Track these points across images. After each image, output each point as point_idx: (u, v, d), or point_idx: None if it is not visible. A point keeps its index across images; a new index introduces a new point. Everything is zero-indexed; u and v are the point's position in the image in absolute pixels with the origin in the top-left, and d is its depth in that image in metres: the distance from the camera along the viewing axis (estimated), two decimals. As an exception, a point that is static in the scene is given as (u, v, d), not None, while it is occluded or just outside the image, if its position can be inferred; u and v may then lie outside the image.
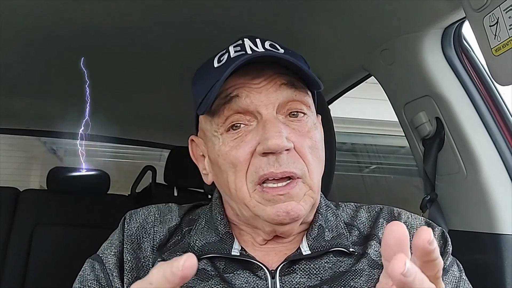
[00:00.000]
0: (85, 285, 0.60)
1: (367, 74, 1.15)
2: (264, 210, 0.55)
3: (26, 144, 4.63)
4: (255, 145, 0.55)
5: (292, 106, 0.58)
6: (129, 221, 0.65)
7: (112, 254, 0.62)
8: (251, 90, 0.56)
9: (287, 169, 0.54)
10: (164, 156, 2.51)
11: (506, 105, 0.89)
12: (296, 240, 0.61)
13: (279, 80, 0.57)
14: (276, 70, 0.57)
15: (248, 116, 0.57)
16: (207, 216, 0.65)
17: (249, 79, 0.57)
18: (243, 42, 0.60)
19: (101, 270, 0.61)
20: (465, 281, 0.60)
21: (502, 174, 0.84)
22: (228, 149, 0.57)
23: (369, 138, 3.83)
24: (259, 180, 0.55)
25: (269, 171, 0.54)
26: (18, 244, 1.79)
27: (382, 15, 0.89)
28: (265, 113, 0.56)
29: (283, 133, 0.54)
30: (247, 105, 0.56)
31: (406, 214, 0.64)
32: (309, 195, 0.56)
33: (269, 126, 0.54)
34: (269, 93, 0.56)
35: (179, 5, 0.96)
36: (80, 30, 1.07)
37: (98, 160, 4.71)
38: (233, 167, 0.56)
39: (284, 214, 0.54)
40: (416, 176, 1.13)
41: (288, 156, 0.55)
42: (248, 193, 0.56)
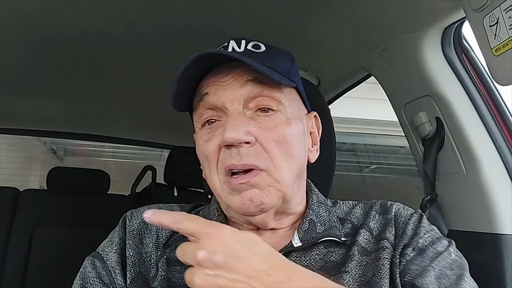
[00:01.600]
0: (87, 282, 0.61)
1: (367, 74, 1.15)
2: (232, 200, 0.58)
3: (26, 144, 4.63)
4: (221, 139, 0.57)
5: (261, 102, 0.59)
6: (131, 218, 0.66)
7: (113, 251, 0.63)
8: (218, 87, 0.59)
9: (247, 161, 0.56)
10: (164, 156, 2.52)
11: (506, 105, 0.89)
12: (288, 234, 0.63)
13: (245, 77, 0.59)
14: (245, 68, 0.59)
15: (219, 112, 0.60)
16: (205, 212, 0.68)
17: (219, 78, 0.60)
18: (228, 44, 0.63)
19: (103, 267, 0.62)
20: (451, 253, 0.60)
21: (502, 174, 0.84)
22: (202, 143, 0.60)
23: (369, 138, 3.83)
24: (225, 171, 0.57)
25: (231, 163, 0.56)
26: (18, 244, 1.80)
27: (382, 15, 0.89)
28: (231, 108, 0.58)
29: (241, 126, 0.56)
30: (215, 101, 0.59)
31: (398, 206, 0.65)
32: (274, 187, 0.57)
33: (229, 119, 0.57)
34: (235, 89, 0.59)
35: (179, 5, 0.96)
36: (80, 30, 1.07)
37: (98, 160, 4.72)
38: (206, 160, 0.60)
39: (249, 202, 0.56)
40: (416, 176, 1.13)
41: (250, 149, 0.56)
42: (219, 184, 0.59)
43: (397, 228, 0.62)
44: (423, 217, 0.64)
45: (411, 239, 0.60)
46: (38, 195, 1.96)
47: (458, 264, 0.59)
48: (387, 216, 0.64)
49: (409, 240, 0.60)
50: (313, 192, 0.67)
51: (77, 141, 4.06)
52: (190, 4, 0.95)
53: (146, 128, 2.14)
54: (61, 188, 1.94)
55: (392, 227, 0.62)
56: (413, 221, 0.62)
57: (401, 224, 0.62)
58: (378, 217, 0.64)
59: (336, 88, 1.30)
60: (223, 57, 0.58)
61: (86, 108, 1.81)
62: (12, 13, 0.98)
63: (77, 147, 4.77)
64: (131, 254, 0.62)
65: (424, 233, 0.61)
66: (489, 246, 0.81)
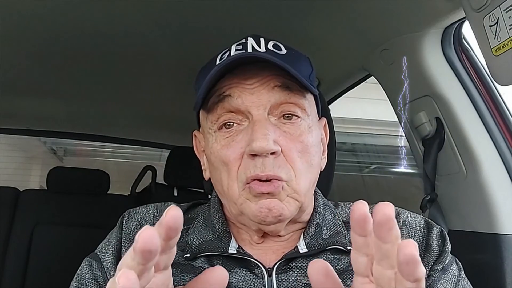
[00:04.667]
0: (83, 283, 0.60)
1: (367, 74, 1.15)
2: (249, 206, 0.56)
3: (26, 144, 4.63)
4: (244, 146, 0.55)
5: (286, 109, 0.57)
6: (128, 220, 0.65)
7: (110, 252, 0.62)
8: (243, 90, 0.57)
9: (272, 172, 0.54)
10: (164, 156, 2.52)
11: (506, 105, 0.89)
12: (294, 239, 0.61)
13: (273, 82, 0.57)
14: (272, 72, 0.57)
15: (240, 116, 0.57)
16: (205, 214, 0.66)
17: (243, 79, 0.57)
18: (246, 41, 0.60)
19: (99, 268, 0.61)
20: (464, 280, 0.60)
21: (502, 174, 0.84)
22: (220, 148, 0.57)
23: (369, 138, 3.83)
24: (247, 180, 0.55)
25: (255, 173, 0.54)
26: (18, 244, 1.80)
27: (382, 15, 0.89)
28: (256, 114, 0.56)
29: (270, 136, 0.54)
30: (239, 105, 0.56)
31: (405, 213, 0.64)
32: (293, 198, 0.56)
33: (257, 127, 0.54)
34: (261, 94, 0.56)
35: (178, 5, 0.96)
36: (80, 31, 1.07)
37: (98, 160, 4.72)
38: (224, 165, 0.57)
39: (267, 211, 0.54)
40: (416, 176, 1.13)
41: (274, 160, 0.55)
42: (237, 191, 0.56)
43: (413, 238, 0.60)
44: (443, 231, 0.62)
45: (439, 255, 0.60)
46: (38, 195, 1.96)
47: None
48: None
49: (438, 256, 0.60)
50: (318, 194, 0.66)
51: (77, 141, 4.06)
52: (190, 4, 0.95)
53: (146, 128, 2.14)
54: (61, 188, 1.94)
55: (403, 237, 0.59)
56: (436, 236, 0.61)
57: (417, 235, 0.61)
58: None
59: (336, 88, 1.30)
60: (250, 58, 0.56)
61: (86, 108, 1.81)
62: (12, 13, 0.98)
63: (77, 147, 4.77)
64: None
65: (448, 251, 0.60)
66: (489, 246, 0.81)
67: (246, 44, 0.59)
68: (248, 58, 0.57)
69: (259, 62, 0.57)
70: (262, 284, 0.56)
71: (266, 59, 0.55)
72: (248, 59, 0.57)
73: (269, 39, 0.61)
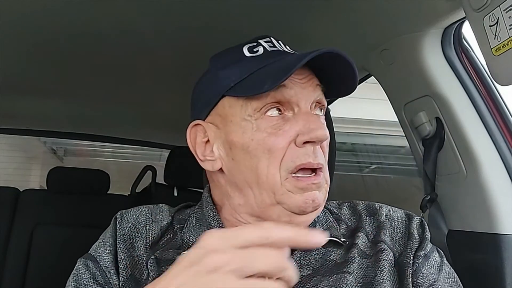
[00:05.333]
0: (81, 283, 0.60)
1: (367, 74, 1.15)
2: (291, 197, 0.57)
3: (26, 144, 4.64)
4: (294, 135, 0.58)
5: (317, 105, 0.62)
6: (121, 221, 0.65)
7: (107, 252, 0.62)
8: (296, 83, 0.59)
9: (321, 160, 0.59)
10: (164, 156, 2.52)
11: (506, 105, 0.89)
12: None
13: (315, 81, 0.62)
14: (310, 71, 0.62)
15: (285, 107, 0.59)
16: (197, 214, 0.66)
17: (293, 74, 0.58)
18: (270, 40, 0.64)
19: (96, 268, 0.61)
20: (447, 265, 0.64)
21: (502, 174, 0.84)
22: (266, 135, 0.58)
23: (369, 138, 3.83)
24: (295, 169, 0.57)
25: (308, 161, 0.57)
26: (18, 244, 1.80)
27: (382, 15, 0.89)
28: (304, 106, 0.59)
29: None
30: (291, 95, 0.59)
31: (387, 208, 0.68)
32: (325, 188, 0.61)
33: (313, 118, 0.59)
34: (309, 90, 0.60)
35: (178, 6, 0.96)
36: (80, 31, 1.07)
37: (98, 160, 4.72)
38: (268, 153, 0.57)
39: (311, 202, 0.57)
40: (416, 176, 1.13)
41: (318, 149, 0.59)
42: (279, 180, 0.57)
43: (395, 231, 0.64)
44: (423, 221, 0.66)
45: (420, 242, 0.63)
46: (38, 195, 1.96)
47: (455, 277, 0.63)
48: (378, 219, 0.66)
49: (419, 243, 0.63)
50: None
51: (77, 141, 4.06)
52: (190, 4, 0.95)
53: (146, 128, 2.14)
54: (61, 188, 1.94)
55: (387, 230, 0.64)
56: (416, 225, 0.65)
57: (400, 227, 0.65)
58: (370, 220, 0.66)
59: (336, 88, 1.30)
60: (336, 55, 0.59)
61: (86, 108, 1.81)
62: (12, 13, 0.98)
63: (77, 147, 4.77)
64: (122, 258, 0.61)
65: (428, 238, 0.64)
66: (489, 246, 0.81)
67: (272, 42, 0.64)
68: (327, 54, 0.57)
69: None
70: None
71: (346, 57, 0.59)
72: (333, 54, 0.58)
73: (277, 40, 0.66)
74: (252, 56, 0.62)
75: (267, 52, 0.62)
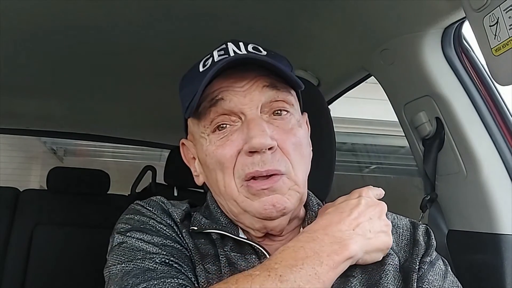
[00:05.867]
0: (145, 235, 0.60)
1: (367, 74, 1.15)
2: (251, 205, 0.57)
3: (26, 144, 4.63)
4: (241, 144, 0.57)
5: (275, 105, 0.60)
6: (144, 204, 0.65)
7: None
8: (235, 93, 0.59)
9: (271, 167, 0.56)
10: (164, 156, 2.52)
11: (506, 105, 0.89)
12: (290, 239, 0.62)
13: (261, 83, 0.59)
14: (258, 72, 0.60)
15: (233, 117, 0.59)
16: (205, 213, 0.67)
17: (232, 82, 0.59)
18: (226, 46, 0.62)
19: (150, 228, 0.61)
20: (451, 274, 0.63)
21: (502, 174, 0.84)
22: (215, 148, 0.59)
23: (369, 138, 3.83)
24: (246, 177, 0.57)
25: (254, 169, 0.56)
26: (18, 244, 1.79)
27: (382, 15, 0.89)
28: (249, 113, 0.58)
29: (267, 132, 0.56)
30: (232, 107, 0.58)
31: (392, 215, 0.67)
32: (294, 190, 0.59)
33: (253, 125, 0.57)
34: (253, 96, 0.59)
35: (178, 5, 0.96)
36: (80, 31, 1.07)
37: (98, 160, 4.72)
38: (220, 165, 0.59)
39: (271, 207, 0.56)
40: (416, 176, 1.13)
41: (272, 154, 0.57)
42: (236, 188, 0.58)
43: (400, 238, 0.64)
44: (428, 229, 0.66)
45: (426, 249, 0.63)
46: (38, 195, 1.96)
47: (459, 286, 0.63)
48: None
49: (425, 250, 0.63)
50: (310, 195, 0.68)
51: (77, 141, 4.06)
52: (190, 4, 0.95)
53: (146, 128, 2.14)
54: (61, 188, 1.94)
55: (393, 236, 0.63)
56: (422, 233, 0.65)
57: (405, 234, 0.65)
58: None
59: (336, 88, 1.30)
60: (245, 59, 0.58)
61: (86, 108, 1.81)
62: (12, 13, 0.98)
63: (77, 147, 4.77)
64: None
65: (433, 245, 0.64)
66: (489, 246, 0.81)
67: (227, 49, 0.62)
68: (243, 60, 0.58)
69: (243, 65, 0.59)
70: None
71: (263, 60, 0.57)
72: (243, 60, 0.58)
73: (248, 43, 0.64)
74: (203, 70, 0.61)
75: (212, 64, 0.60)
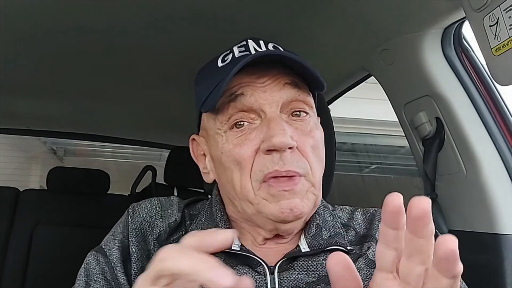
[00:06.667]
0: (91, 279, 0.60)
1: (367, 74, 1.15)
2: (268, 206, 0.55)
3: (26, 144, 4.63)
4: (259, 143, 0.56)
5: (295, 106, 0.58)
6: (133, 215, 0.65)
7: (116, 247, 0.62)
8: (256, 89, 0.57)
9: (291, 168, 0.54)
10: (164, 156, 2.52)
11: (506, 105, 0.89)
12: (294, 240, 0.62)
13: (283, 80, 0.58)
14: (280, 70, 0.58)
15: (252, 114, 0.57)
16: (207, 212, 0.66)
17: (254, 78, 0.58)
18: (247, 43, 0.61)
19: (106, 263, 0.61)
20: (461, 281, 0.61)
21: (502, 174, 0.84)
22: (232, 147, 0.57)
23: (369, 138, 3.83)
24: (264, 178, 0.55)
25: (274, 169, 0.54)
26: (18, 244, 1.80)
27: (382, 15, 0.89)
28: (269, 111, 0.56)
29: (287, 131, 0.55)
30: (252, 103, 0.57)
31: None
32: (311, 192, 0.57)
33: (274, 124, 0.55)
34: (273, 92, 0.57)
35: (178, 5, 0.96)
36: (80, 31, 1.07)
37: (98, 160, 4.72)
38: (237, 164, 0.57)
39: (288, 211, 0.54)
40: (416, 176, 1.13)
41: (291, 155, 0.55)
42: (252, 191, 0.56)
43: None
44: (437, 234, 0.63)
45: None
46: (38, 195, 1.96)
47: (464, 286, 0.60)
48: None
49: None
50: None
51: (77, 141, 4.06)
52: (190, 5, 0.95)
53: (146, 128, 2.14)
54: (61, 188, 1.94)
55: None
56: None
57: None
58: None
59: (336, 88, 1.30)
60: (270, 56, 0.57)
61: (86, 108, 1.81)
62: (12, 13, 0.98)
63: (77, 147, 4.77)
64: (134, 251, 0.61)
65: None
66: (489, 246, 0.81)
67: (248, 46, 0.60)
68: (268, 57, 0.57)
69: (263, 63, 0.58)
70: (264, 282, 0.56)
71: (289, 57, 0.56)
72: (270, 57, 0.57)
73: (268, 41, 0.62)
74: (222, 65, 0.60)
75: (234, 59, 0.59)
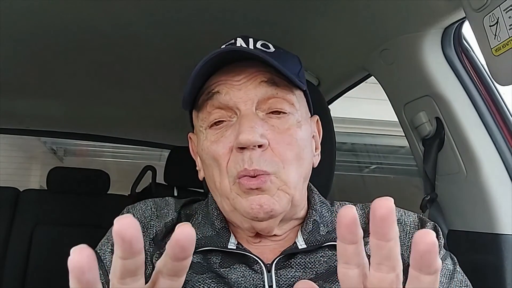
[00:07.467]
0: None
1: (367, 74, 1.15)
2: (240, 202, 0.56)
3: (26, 144, 4.63)
4: (233, 140, 0.56)
5: (273, 104, 0.58)
6: None
7: (109, 250, 0.62)
8: (231, 86, 0.58)
9: (258, 167, 0.54)
10: (164, 156, 2.52)
11: (506, 105, 0.89)
12: (290, 237, 0.62)
13: (259, 78, 0.58)
14: (259, 68, 0.58)
15: (229, 112, 0.58)
16: (203, 211, 0.66)
17: (230, 76, 0.58)
18: (235, 41, 0.61)
19: (100, 267, 0.60)
20: (459, 273, 0.61)
21: (502, 174, 0.84)
22: (209, 144, 0.58)
23: (369, 138, 3.83)
24: (238, 175, 0.55)
25: (243, 167, 0.54)
26: (18, 244, 1.80)
27: (382, 15, 0.89)
28: (244, 109, 0.57)
29: (257, 129, 0.54)
30: (227, 101, 0.57)
31: (400, 211, 0.64)
32: (283, 190, 0.56)
33: (244, 121, 0.55)
34: (248, 90, 0.57)
35: (178, 5, 0.96)
36: (80, 30, 1.07)
37: (98, 160, 4.72)
38: (215, 161, 0.58)
39: (258, 207, 0.54)
40: (416, 176, 1.13)
41: (262, 153, 0.55)
42: (228, 186, 0.57)
43: (406, 236, 0.61)
44: (436, 226, 0.63)
45: None
46: (38, 195, 1.96)
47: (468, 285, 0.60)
48: None
49: None
50: (314, 192, 0.67)
51: (77, 141, 4.06)
52: (190, 4, 0.95)
53: (146, 128, 2.14)
54: (61, 188, 1.94)
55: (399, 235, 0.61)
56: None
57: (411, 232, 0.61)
58: None
59: (336, 88, 1.30)
60: (235, 55, 0.57)
61: (86, 108, 1.81)
62: (12, 13, 0.98)
63: (77, 147, 4.77)
64: None
65: (441, 245, 0.61)
66: (489, 246, 0.81)
67: (235, 44, 0.61)
68: (232, 54, 0.57)
69: (246, 60, 0.58)
70: (261, 280, 0.56)
71: (253, 54, 0.56)
72: (232, 54, 0.57)
73: (257, 39, 0.62)
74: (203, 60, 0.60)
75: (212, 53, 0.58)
